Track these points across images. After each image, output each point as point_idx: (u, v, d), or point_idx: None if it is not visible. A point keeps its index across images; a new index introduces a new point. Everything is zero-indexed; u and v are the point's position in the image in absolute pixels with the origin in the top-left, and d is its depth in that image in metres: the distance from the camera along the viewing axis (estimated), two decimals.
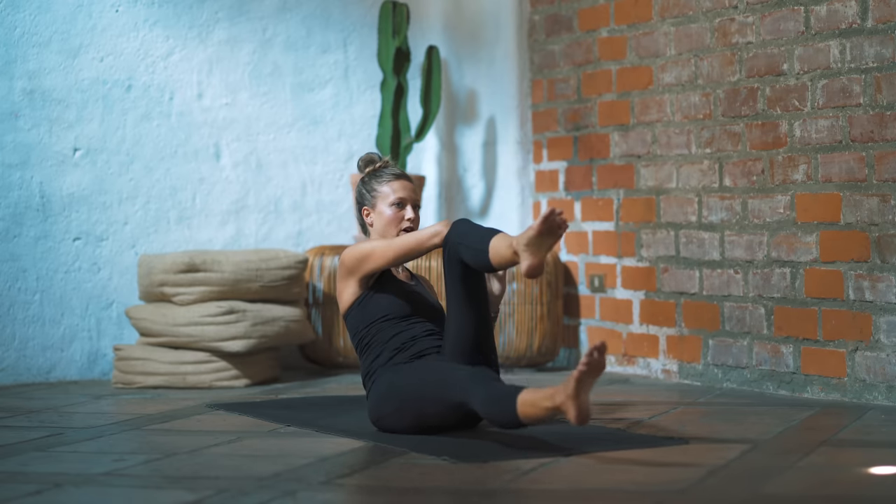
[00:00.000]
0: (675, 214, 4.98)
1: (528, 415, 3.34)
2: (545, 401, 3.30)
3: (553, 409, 3.28)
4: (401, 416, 3.65)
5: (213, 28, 5.53)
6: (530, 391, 3.35)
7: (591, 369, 3.22)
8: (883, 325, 4.22)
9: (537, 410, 3.32)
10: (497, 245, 3.56)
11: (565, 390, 3.24)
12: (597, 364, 3.22)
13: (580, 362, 3.22)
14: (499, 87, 5.79)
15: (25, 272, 5.10)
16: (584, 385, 3.23)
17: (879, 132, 4.24)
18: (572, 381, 3.22)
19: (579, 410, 3.22)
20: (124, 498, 2.97)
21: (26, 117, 5.11)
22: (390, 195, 3.89)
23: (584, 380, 3.23)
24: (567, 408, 3.24)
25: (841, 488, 2.94)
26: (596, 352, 3.20)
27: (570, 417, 3.24)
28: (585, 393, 3.23)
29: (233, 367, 4.95)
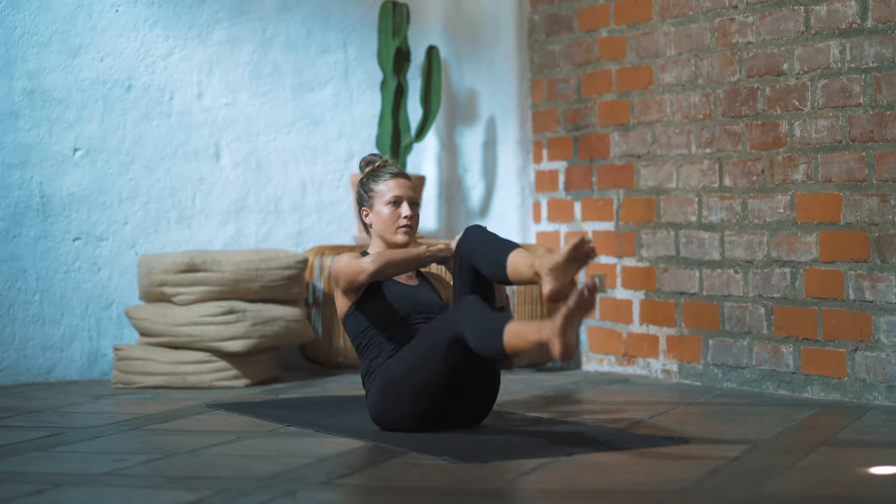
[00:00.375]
0: (675, 214, 4.98)
1: (514, 346, 3.39)
2: (532, 334, 3.34)
3: (539, 342, 3.33)
4: (402, 400, 3.64)
5: (213, 28, 5.53)
6: (518, 323, 3.40)
7: (581, 307, 3.26)
8: (883, 325, 4.22)
9: (523, 343, 3.37)
10: (517, 262, 3.55)
11: (553, 325, 3.28)
12: (587, 303, 3.26)
13: (570, 299, 3.25)
14: (499, 87, 5.79)
15: (25, 272, 5.10)
16: (572, 322, 3.28)
17: (879, 132, 4.24)
18: (560, 318, 3.27)
19: (564, 346, 3.26)
20: (124, 498, 2.97)
21: (26, 117, 5.11)
22: (386, 194, 3.89)
23: (573, 317, 3.27)
24: (553, 343, 3.28)
25: (841, 488, 2.94)
26: (587, 291, 3.25)
27: (554, 352, 3.28)
28: (572, 330, 3.28)
29: (233, 367, 4.95)
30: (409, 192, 3.90)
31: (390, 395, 3.67)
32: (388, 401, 3.68)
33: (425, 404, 3.65)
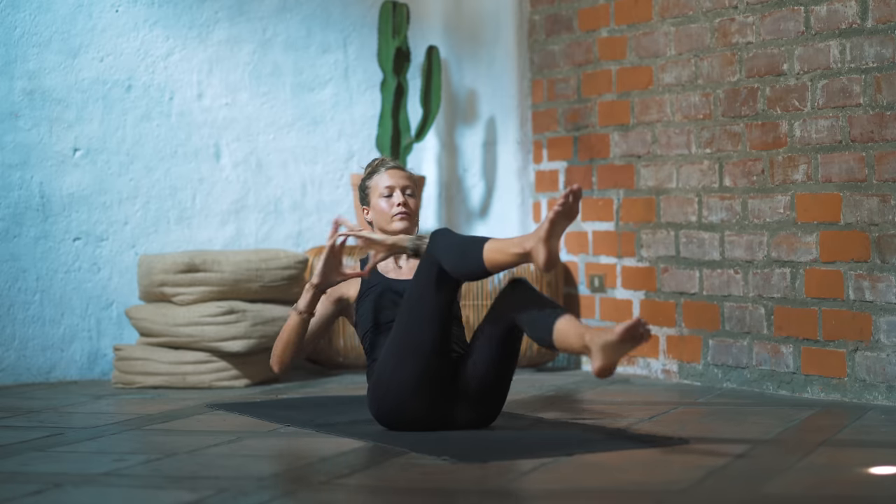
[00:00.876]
0: (675, 214, 4.98)
1: (496, 261, 3.37)
2: (514, 247, 3.33)
3: (522, 254, 3.32)
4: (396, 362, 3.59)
5: (213, 28, 5.53)
6: (497, 240, 3.39)
7: (566, 212, 3.28)
8: (883, 325, 4.22)
9: (505, 257, 3.35)
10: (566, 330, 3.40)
11: (536, 234, 3.28)
12: (571, 208, 3.28)
13: (556, 203, 3.27)
14: (499, 87, 5.79)
15: (25, 272, 5.10)
16: (557, 229, 3.28)
17: (879, 132, 4.24)
18: (546, 223, 3.27)
19: (549, 254, 3.26)
20: (124, 498, 2.97)
21: (26, 117, 5.11)
22: (379, 186, 3.90)
23: (558, 223, 3.28)
24: (537, 252, 3.27)
25: (841, 488, 2.94)
26: (571, 195, 3.25)
27: (538, 261, 3.26)
28: (557, 238, 3.28)
29: (233, 367, 4.95)
30: (400, 180, 3.90)
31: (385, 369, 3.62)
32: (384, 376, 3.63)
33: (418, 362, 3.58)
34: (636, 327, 3.24)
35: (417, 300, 3.57)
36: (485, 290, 5.26)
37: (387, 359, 3.63)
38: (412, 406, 3.62)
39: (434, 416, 3.65)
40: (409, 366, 3.58)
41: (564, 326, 3.40)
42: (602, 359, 3.28)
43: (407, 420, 3.65)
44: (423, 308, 3.56)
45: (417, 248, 3.66)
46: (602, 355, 3.28)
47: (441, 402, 3.64)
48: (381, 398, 3.65)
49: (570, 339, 3.38)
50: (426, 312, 3.56)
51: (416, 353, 3.58)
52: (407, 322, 3.59)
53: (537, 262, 3.26)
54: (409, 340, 3.58)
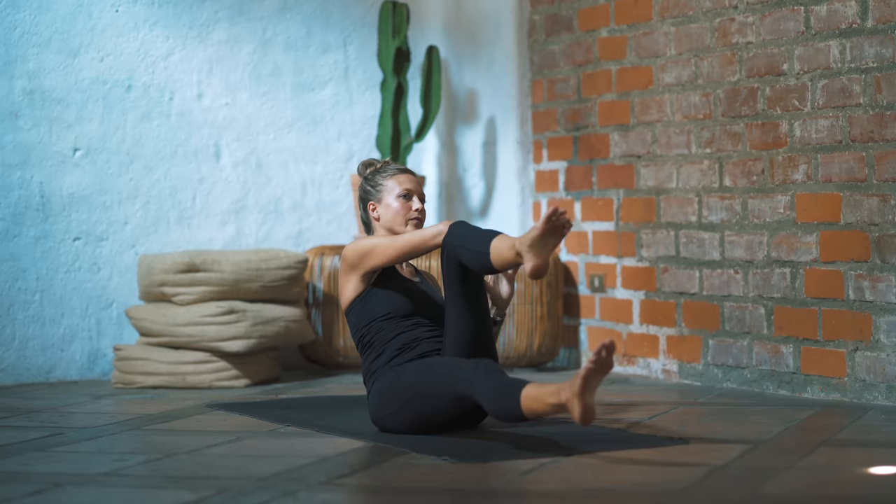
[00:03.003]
0: (675, 214, 4.98)
1: (532, 409, 3.34)
2: (550, 397, 3.29)
3: (557, 405, 3.28)
4: (402, 416, 3.65)
5: (213, 28, 5.53)
6: (535, 386, 3.35)
7: (599, 368, 3.22)
8: (883, 325, 4.22)
9: (541, 406, 3.32)
10: (498, 246, 3.54)
11: (571, 388, 3.23)
12: (604, 363, 3.22)
13: (588, 360, 3.22)
14: (499, 87, 5.79)
15: (25, 272, 5.10)
16: (591, 384, 3.23)
17: (879, 132, 4.24)
18: (579, 380, 3.21)
19: (584, 409, 3.21)
20: (124, 498, 2.97)
21: (26, 117, 5.11)
22: (397, 187, 3.89)
23: (591, 378, 3.22)
24: (572, 406, 3.23)
25: (841, 488, 2.94)
26: (604, 350, 3.20)
27: (574, 416, 3.23)
28: (591, 392, 3.23)
29: (233, 367, 4.95)
30: (417, 186, 3.93)
31: (391, 407, 3.67)
32: (389, 412, 3.68)
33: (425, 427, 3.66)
34: (553, 216, 3.41)
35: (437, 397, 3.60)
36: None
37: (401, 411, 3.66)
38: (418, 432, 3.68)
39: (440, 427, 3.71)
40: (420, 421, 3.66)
41: (497, 244, 3.55)
42: (532, 258, 3.44)
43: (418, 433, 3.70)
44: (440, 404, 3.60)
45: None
46: (532, 254, 3.45)
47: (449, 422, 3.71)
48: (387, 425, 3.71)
49: (503, 253, 3.52)
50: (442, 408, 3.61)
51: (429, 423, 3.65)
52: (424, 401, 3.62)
53: (573, 415, 3.25)
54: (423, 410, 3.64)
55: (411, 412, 3.64)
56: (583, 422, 3.22)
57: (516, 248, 3.48)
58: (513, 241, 3.51)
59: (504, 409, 3.40)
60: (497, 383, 3.43)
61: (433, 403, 3.59)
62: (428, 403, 3.60)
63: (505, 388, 3.40)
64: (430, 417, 3.63)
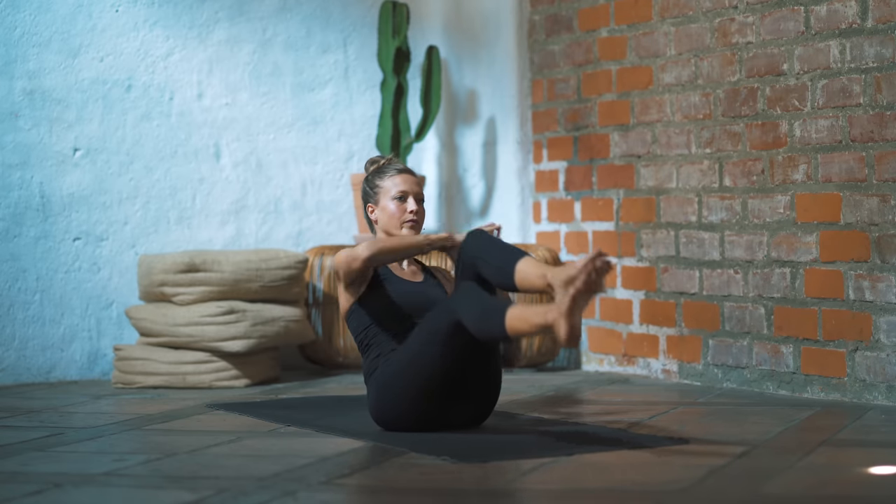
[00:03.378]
0: (675, 214, 4.98)
1: (517, 329, 3.34)
2: (536, 317, 3.30)
3: (543, 325, 3.28)
4: (398, 399, 3.62)
5: (213, 28, 5.53)
6: (520, 306, 3.36)
7: (590, 288, 3.23)
8: (883, 325, 4.22)
9: (526, 326, 3.32)
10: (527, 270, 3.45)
11: (559, 308, 3.23)
12: (595, 284, 3.23)
13: (581, 280, 3.22)
14: (499, 87, 5.79)
15: (25, 272, 5.10)
16: (580, 304, 3.24)
17: (879, 132, 4.24)
18: (568, 299, 3.22)
19: (570, 329, 3.22)
20: (124, 498, 2.97)
21: (26, 117, 5.11)
22: (392, 189, 3.89)
23: (581, 298, 3.23)
24: (558, 326, 3.23)
25: (841, 488, 2.94)
26: (595, 272, 3.22)
27: (560, 335, 3.22)
28: (579, 312, 3.24)
29: (233, 367, 4.95)
30: (414, 187, 3.90)
31: (389, 391, 3.66)
32: (388, 397, 3.67)
33: (424, 401, 3.63)
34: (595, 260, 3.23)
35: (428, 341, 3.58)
36: None
37: (397, 373, 3.63)
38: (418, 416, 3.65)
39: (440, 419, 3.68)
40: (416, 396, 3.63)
41: (525, 267, 3.46)
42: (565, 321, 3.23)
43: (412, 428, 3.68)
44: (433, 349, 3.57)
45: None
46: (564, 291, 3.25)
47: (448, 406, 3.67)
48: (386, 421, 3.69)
49: (531, 278, 3.44)
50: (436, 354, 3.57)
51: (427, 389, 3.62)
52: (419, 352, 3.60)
53: (558, 335, 3.24)
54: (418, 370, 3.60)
55: (409, 385, 3.60)
56: (568, 342, 3.23)
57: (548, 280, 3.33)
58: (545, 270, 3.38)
59: (489, 330, 3.39)
60: (481, 303, 3.44)
61: (427, 357, 3.56)
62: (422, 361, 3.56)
63: (490, 307, 3.40)
64: (428, 381, 3.58)
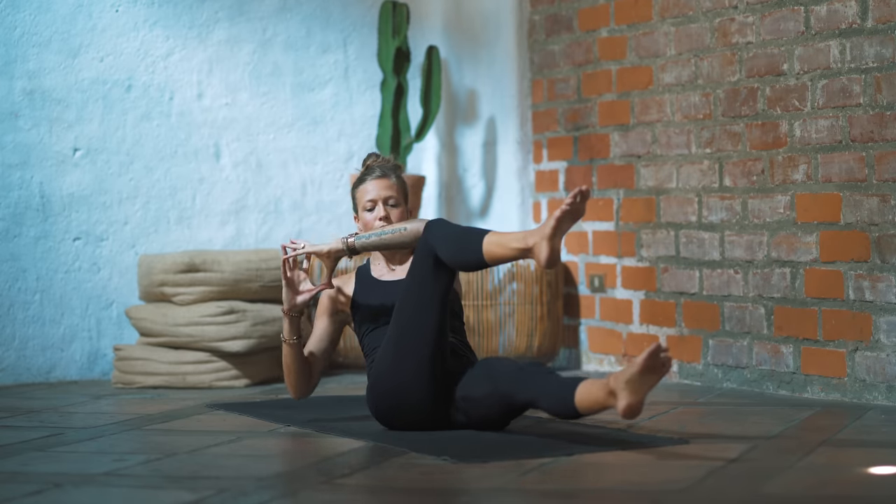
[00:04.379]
0: (675, 214, 4.98)
1: (495, 254, 3.33)
2: (515, 242, 3.29)
3: (523, 250, 3.27)
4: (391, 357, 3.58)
5: (213, 28, 5.53)
6: (498, 233, 3.35)
7: (573, 210, 3.26)
8: (883, 325, 4.22)
9: (505, 251, 3.31)
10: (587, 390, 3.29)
11: (541, 232, 3.23)
12: (578, 208, 3.26)
13: (564, 202, 3.23)
14: (499, 87, 5.79)
15: (25, 272, 5.10)
16: (562, 227, 3.25)
17: (879, 132, 4.24)
18: (552, 221, 3.24)
19: (551, 251, 3.22)
20: (124, 498, 2.97)
21: (26, 117, 5.11)
22: (362, 199, 3.89)
23: (564, 221, 3.25)
24: (539, 249, 3.23)
25: (841, 488, 2.94)
26: (580, 195, 3.24)
27: (541, 258, 3.22)
28: (560, 237, 3.26)
29: (233, 367, 4.95)
30: (383, 191, 3.86)
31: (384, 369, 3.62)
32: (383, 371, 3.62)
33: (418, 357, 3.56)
34: (656, 354, 3.14)
35: (413, 290, 3.56)
36: (485, 291, 5.26)
37: (386, 351, 3.62)
38: (411, 402, 3.61)
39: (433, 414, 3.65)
40: (409, 355, 3.57)
41: (586, 386, 3.28)
42: (628, 396, 3.16)
43: (405, 418, 3.65)
44: (419, 297, 3.54)
45: (351, 246, 3.73)
46: (628, 392, 3.17)
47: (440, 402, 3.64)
48: (381, 394, 3.65)
49: (593, 391, 3.26)
50: (423, 301, 3.53)
51: (415, 343, 3.56)
52: (404, 313, 3.57)
53: (539, 258, 3.24)
54: (407, 332, 3.57)
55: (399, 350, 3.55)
56: (548, 265, 3.22)
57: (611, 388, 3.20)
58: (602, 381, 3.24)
59: (465, 256, 3.38)
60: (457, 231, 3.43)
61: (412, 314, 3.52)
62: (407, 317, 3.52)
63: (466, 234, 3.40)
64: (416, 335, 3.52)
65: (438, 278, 3.53)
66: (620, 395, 3.18)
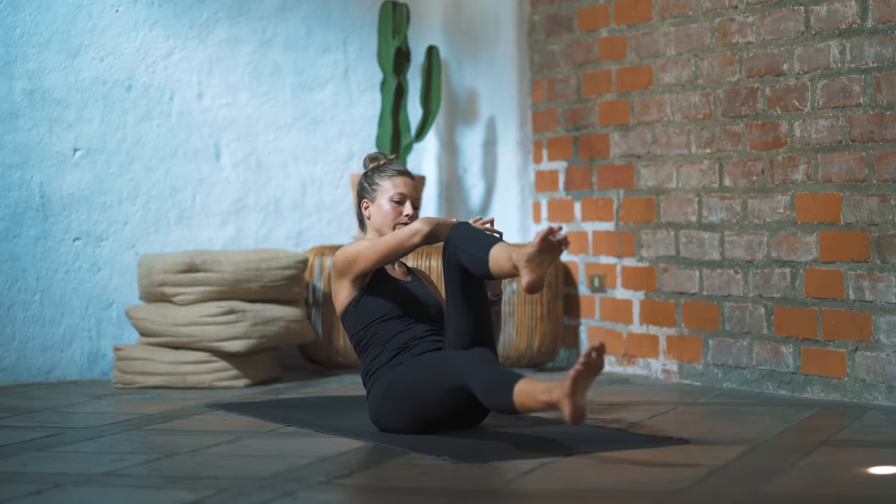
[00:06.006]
0: (675, 214, 4.98)
1: (524, 405, 3.35)
2: (542, 394, 3.30)
3: (549, 403, 3.28)
4: (401, 413, 3.65)
5: (213, 28, 5.53)
6: (528, 381, 3.36)
7: (589, 369, 3.22)
8: (883, 325, 4.22)
9: (533, 402, 3.33)
10: (497, 255, 3.55)
11: (562, 388, 3.24)
12: (595, 364, 3.22)
13: (578, 361, 3.22)
14: (499, 87, 5.79)
15: (25, 272, 5.10)
16: (581, 384, 3.23)
17: (879, 132, 4.24)
18: (569, 381, 3.22)
19: (574, 409, 3.22)
20: (124, 498, 2.97)
21: (26, 117, 5.11)
22: (391, 190, 3.88)
23: (581, 379, 3.22)
24: (563, 406, 3.23)
25: (841, 488, 2.94)
26: (594, 352, 3.20)
27: (565, 415, 3.24)
28: (582, 392, 3.23)
29: (233, 367, 4.95)
30: (413, 191, 3.91)
31: (390, 406, 3.67)
32: (389, 411, 3.68)
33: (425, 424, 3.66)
34: (548, 236, 3.41)
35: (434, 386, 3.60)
36: None
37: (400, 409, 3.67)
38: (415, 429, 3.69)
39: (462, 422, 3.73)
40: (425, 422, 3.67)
41: (496, 253, 3.55)
42: (528, 272, 3.44)
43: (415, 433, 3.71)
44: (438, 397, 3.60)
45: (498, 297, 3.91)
46: (528, 269, 3.44)
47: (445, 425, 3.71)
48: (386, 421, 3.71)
49: (501, 262, 3.53)
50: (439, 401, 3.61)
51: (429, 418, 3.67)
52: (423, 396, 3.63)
53: (564, 416, 3.26)
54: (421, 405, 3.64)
55: (409, 408, 3.64)
56: (573, 421, 3.24)
57: (513, 262, 3.49)
58: (510, 252, 3.52)
59: (496, 402, 3.41)
60: (491, 374, 3.45)
61: (430, 397, 3.60)
62: (425, 397, 3.60)
63: (499, 380, 3.42)
64: (428, 412, 3.63)
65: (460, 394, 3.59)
66: (522, 270, 3.46)
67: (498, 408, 3.43)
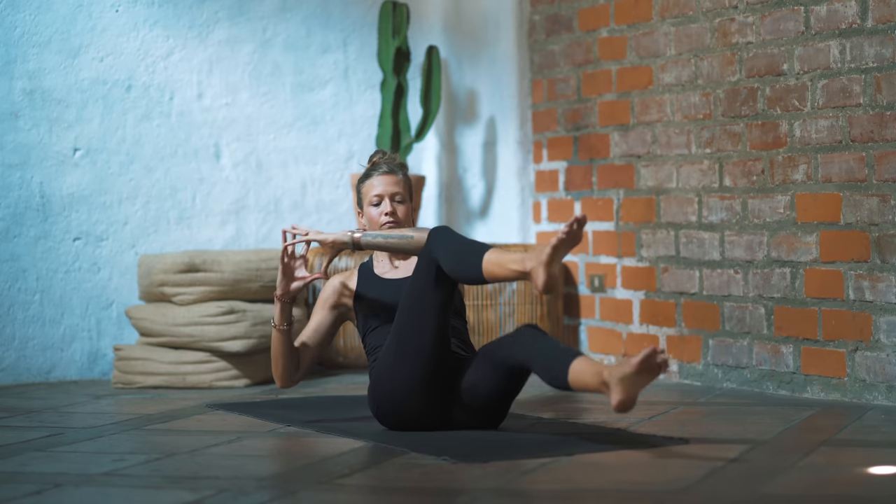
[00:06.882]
0: (675, 214, 4.98)
1: (494, 274, 3.36)
2: (514, 263, 3.31)
3: (520, 272, 3.29)
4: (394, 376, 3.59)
5: (213, 28, 5.53)
6: (499, 251, 3.37)
7: (569, 239, 3.26)
8: (883, 325, 4.22)
9: (503, 271, 3.34)
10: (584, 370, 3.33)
11: (538, 257, 3.25)
12: (575, 235, 3.26)
13: (560, 231, 3.25)
14: (499, 87, 5.79)
15: (25, 272, 5.10)
16: (559, 254, 3.26)
17: (879, 132, 4.24)
18: (548, 248, 3.25)
19: (548, 278, 3.23)
20: (124, 498, 2.97)
21: (26, 117, 5.11)
22: (368, 194, 3.89)
23: (561, 249, 3.26)
24: (536, 274, 3.25)
25: (841, 488, 2.94)
26: (576, 223, 3.25)
27: (537, 283, 3.24)
28: (557, 263, 3.26)
29: (233, 367, 4.95)
30: (389, 187, 3.87)
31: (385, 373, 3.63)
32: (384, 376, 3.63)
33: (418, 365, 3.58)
34: (652, 356, 3.18)
35: (415, 296, 3.58)
36: (485, 290, 5.26)
37: (387, 355, 3.63)
38: (411, 404, 3.62)
39: (433, 416, 3.65)
40: (409, 361, 3.58)
41: (580, 366, 3.34)
42: (621, 392, 3.20)
43: (405, 419, 3.65)
44: (420, 304, 3.57)
45: (356, 241, 3.73)
46: (621, 388, 3.21)
47: (440, 403, 3.64)
48: (381, 396, 3.65)
49: (586, 377, 3.31)
50: (424, 308, 3.56)
51: (415, 349, 3.58)
52: (406, 319, 3.59)
53: (536, 283, 3.25)
54: (408, 336, 3.58)
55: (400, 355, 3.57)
56: (544, 290, 3.24)
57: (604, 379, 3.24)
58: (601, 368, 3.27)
59: (464, 271, 3.41)
60: (458, 243, 3.46)
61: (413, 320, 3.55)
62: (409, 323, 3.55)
63: (466, 249, 3.42)
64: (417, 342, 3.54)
65: (439, 287, 3.55)
66: (614, 389, 3.22)
67: (467, 279, 3.43)
